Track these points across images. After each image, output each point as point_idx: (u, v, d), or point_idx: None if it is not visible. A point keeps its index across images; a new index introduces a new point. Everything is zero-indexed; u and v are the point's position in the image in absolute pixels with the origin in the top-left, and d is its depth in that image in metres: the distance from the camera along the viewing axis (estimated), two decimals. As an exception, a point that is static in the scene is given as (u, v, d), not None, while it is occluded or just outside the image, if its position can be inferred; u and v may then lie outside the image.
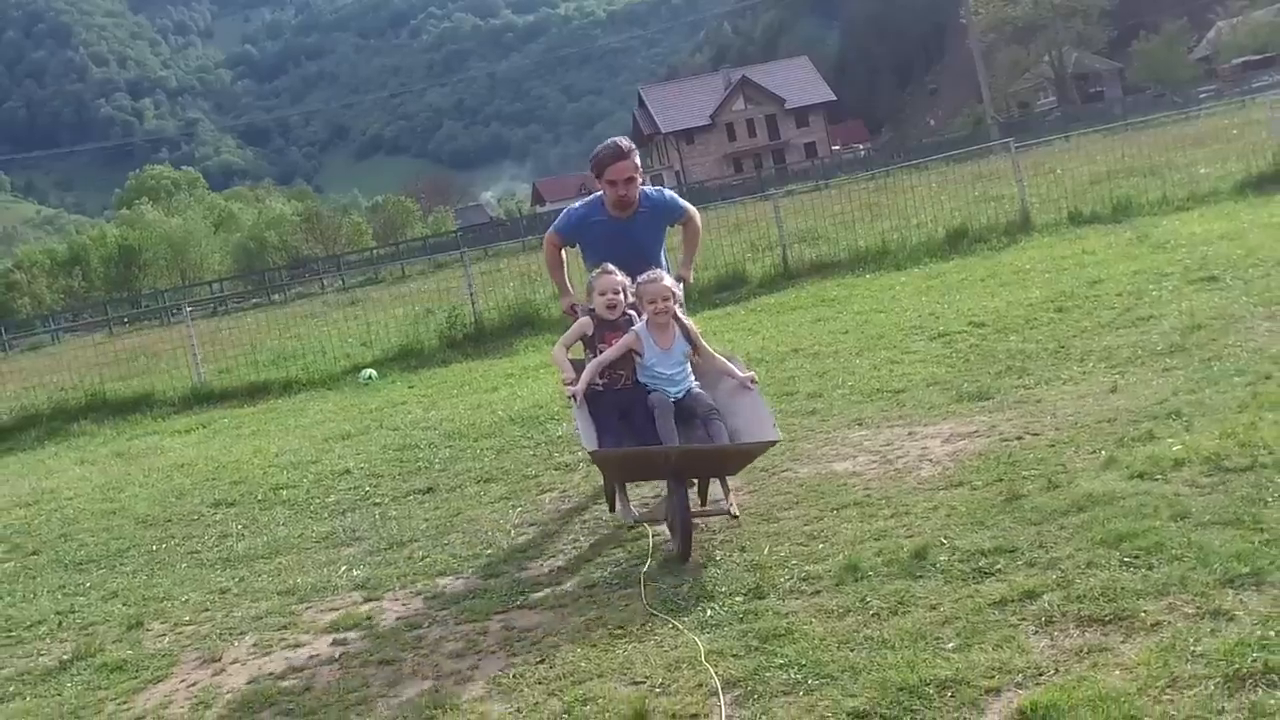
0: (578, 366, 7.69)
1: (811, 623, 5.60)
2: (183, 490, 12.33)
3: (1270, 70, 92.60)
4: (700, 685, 5.18)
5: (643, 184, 8.58)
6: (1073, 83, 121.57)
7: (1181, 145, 30.69)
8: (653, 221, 8.64)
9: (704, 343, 7.71)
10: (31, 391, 22.60)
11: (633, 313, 7.74)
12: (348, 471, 11.74)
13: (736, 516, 7.32)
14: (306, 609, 7.43)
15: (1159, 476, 6.61)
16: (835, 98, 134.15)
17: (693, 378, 7.65)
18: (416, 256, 72.80)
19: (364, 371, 19.58)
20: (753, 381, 7.60)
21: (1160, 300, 12.43)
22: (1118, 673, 4.51)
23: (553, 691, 5.43)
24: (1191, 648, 4.57)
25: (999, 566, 5.81)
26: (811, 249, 23.69)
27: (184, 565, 9.20)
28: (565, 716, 5.14)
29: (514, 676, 5.70)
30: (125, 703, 6.37)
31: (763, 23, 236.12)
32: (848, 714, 4.61)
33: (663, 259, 8.64)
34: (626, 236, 8.37)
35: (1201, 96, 76.45)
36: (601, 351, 7.56)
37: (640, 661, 5.57)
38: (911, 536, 6.49)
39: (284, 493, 11.28)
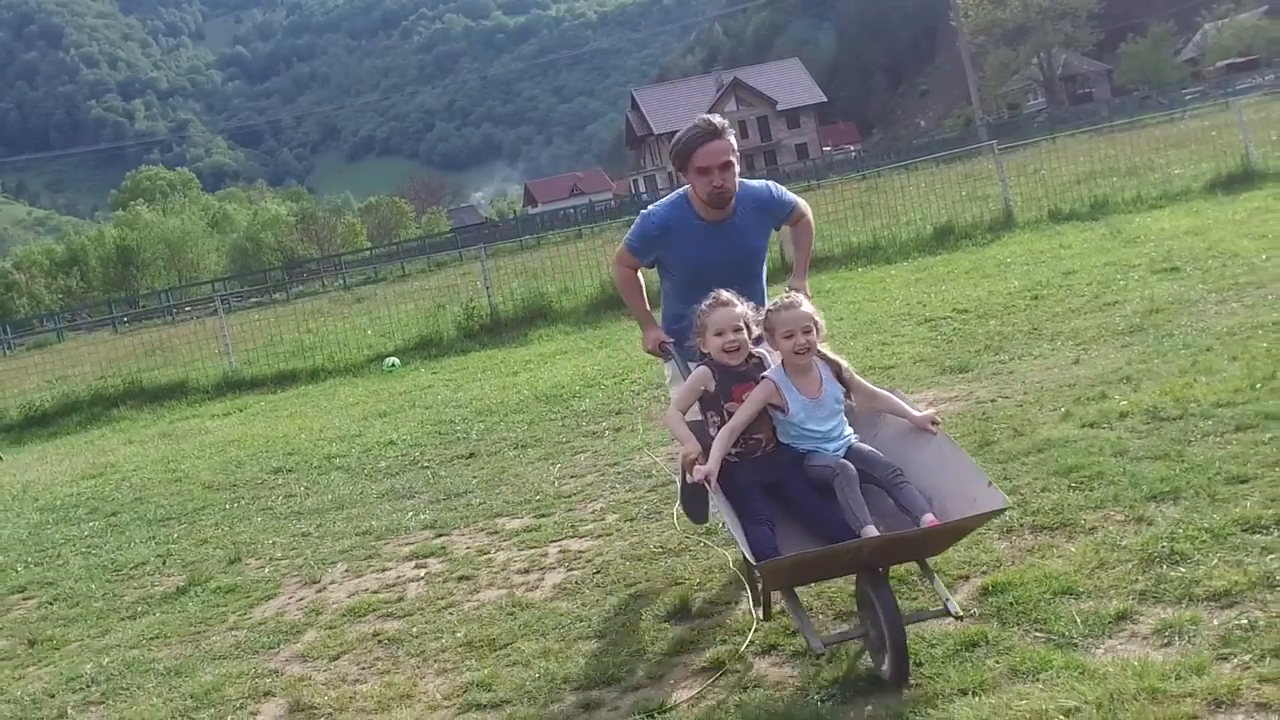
0: (699, 431, 5.71)
1: (818, 538, 6.89)
2: (240, 461, 13.60)
3: (1254, 72, 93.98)
4: (730, 583, 6.49)
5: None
6: (1061, 84, 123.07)
7: (1161, 147, 31.95)
8: (756, 222, 6.59)
9: (859, 377, 5.76)
10: (53, 385, 23.91)
11: (763, 352, 5.77)
12: (392, 442, 13.00)
13: (962, 617, 5.21)
14: (385, 544, 8.73)
15: (1106, 425, 7.91)
16: (826, 99, 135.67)
17: (850, 428, 5.63)
18: (414, 256, 73.89)
19: (387, 359, 20.84)
20: (934, 423, 5.56)
21: (1126, 288, 13.70)
22: (1060, 561, 5.80)
23: (610, 591, 6.74)
24: (1118, 542, 5.85)
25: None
26: (807, 245, 24.90)
27: (260, 518, 10.46)
28: (622, 608, 6.43)
29: (575, 583, 7.01)
30: (245, 614, 7.66)
31: (754, 24, 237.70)
32: (851, 598, 5.88)
33: (763, 275, 6.79)
34: (725, 244, 6.44)
35: (1187, 98, 77.73)
36: (728, 411, 5.56)
37: (680, 569, 6.87)
38: (900, 474, 7.79)
39: (336, 460, 12.55)
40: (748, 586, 6.15)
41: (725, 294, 5.72)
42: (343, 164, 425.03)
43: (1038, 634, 5.05)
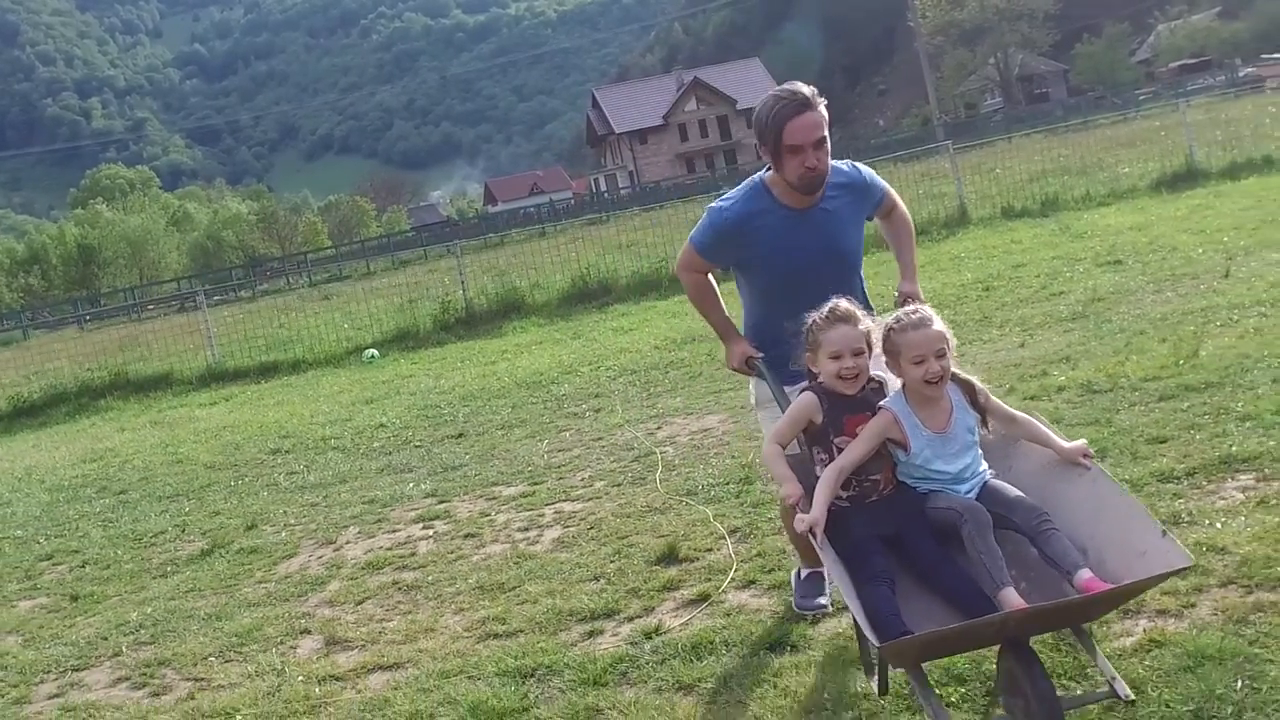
0: (802, 470, 4.71)
1: (789, 496, 7.74)
2: (238, 444, 14.36)
3: (1206, 73, 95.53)
4: (711, 534, 7.33)
5: None
6: (1018, 84, 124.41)
7: (1112, 146, 33.07)
8: (850, 207, 5.57)
9: (995, 400, 4.73)
10: (30, 380, 24.53)
11: (881, 375, 4.74)
12: (383, 425, 13.79)
13: (1133, 700, 4.37)
14: (391, 510, 9.54)
15: (1045, 398, 8.82)
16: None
17: (985, 463, 4.61)
18: (376, 255, 74.36)
19: (367, 351, 21.63)
20: (1086, 455, 4.49)
21: (1071, 280, 14.62)
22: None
23: (603, 543, 7.57)
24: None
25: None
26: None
27: (266, 493, 11.23)
28: (615, 556, 7.26)
29: (572, 537, 7.85)
30: (270, 571, 8.45)
31: (714, 24, 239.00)
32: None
33: (862, 272, 5.71)
34: (819, 236, 5.44)
35: (1140, 98, 79.07)
36: (838, 448, 4.60)
37: (666, 524, 7.71)
38: (861, 442, 8.66)
39: (332, 441, 13.33)
40: (862, 651, 4.99)
41: (845, 304, 4.67)
42: (301, 163, 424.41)
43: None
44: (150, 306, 60.77)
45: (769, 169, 5.45)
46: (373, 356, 21.26)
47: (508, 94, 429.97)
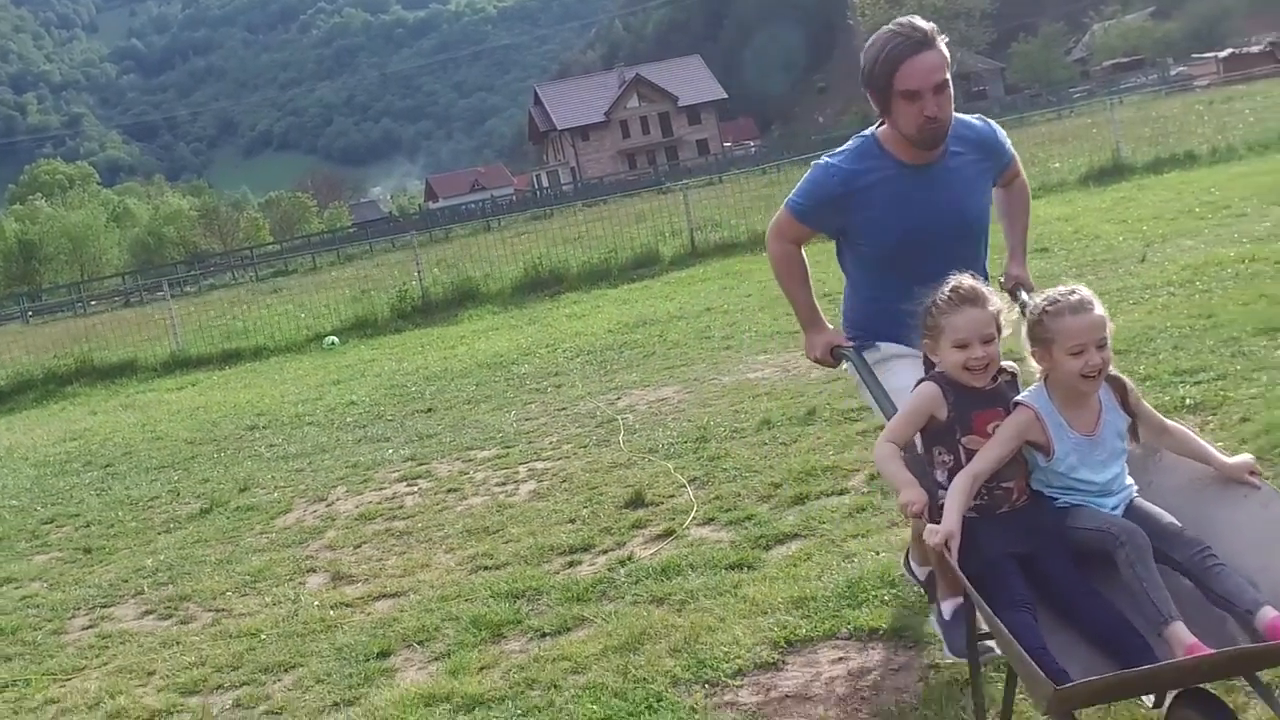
0: (921, 471, 4.08)
1: (741, 451, 8.65)
2: (214, 421, 15.11)
3: (1139, 71, 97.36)
4: (673, 482, 8.20)
5: None
6: (956, 82, 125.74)
7: (1045, 142, 34.20)
8: (976, 166, 4.80)
9: (1147, 404, 4.07)
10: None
11: (1013, 365, 4.13)
12: (353, 403, 14.58)
13: None
14: (375, 473, 10.37)
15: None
16: (726, 96, 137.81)
17: (1130, 477, 3.98)
18: (320, 249, 74.63)
19: (327, 338, 22.40)
20: (1253, 473, 3.87)
21: (999, 266, 15.56)
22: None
23: (575, 493, 8.44)
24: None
25: (862, 415, 8.87)
26: (715, 233, 26.76)
27: (250, 463, 12.01)
28: (588, 503, 8.12)
29: (546, 489, 8.71)
30: (268, 524, 9.27)
31: (654, 21, 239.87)
32: (769, 485, 7.63)
33: (987, 244, 4.98)
34: (941, 198, 4.67)
35: (1075, 96, 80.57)
36: (966, 448, 3.98)
37: (631, 477, 8.58)
38: (805, 406, 9.56)
39: (306, 418, 14.11)
40: (975, 689, 4.22)
41: (970, 282, 4.01)
42: (240, 159, 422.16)
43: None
44: (94, 302, 61.03)
45: (880, 123, 4.73)
46: (333, 343, 22.03)
47: (448, 90, 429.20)
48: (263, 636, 6.66)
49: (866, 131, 4.82)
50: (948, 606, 4.76)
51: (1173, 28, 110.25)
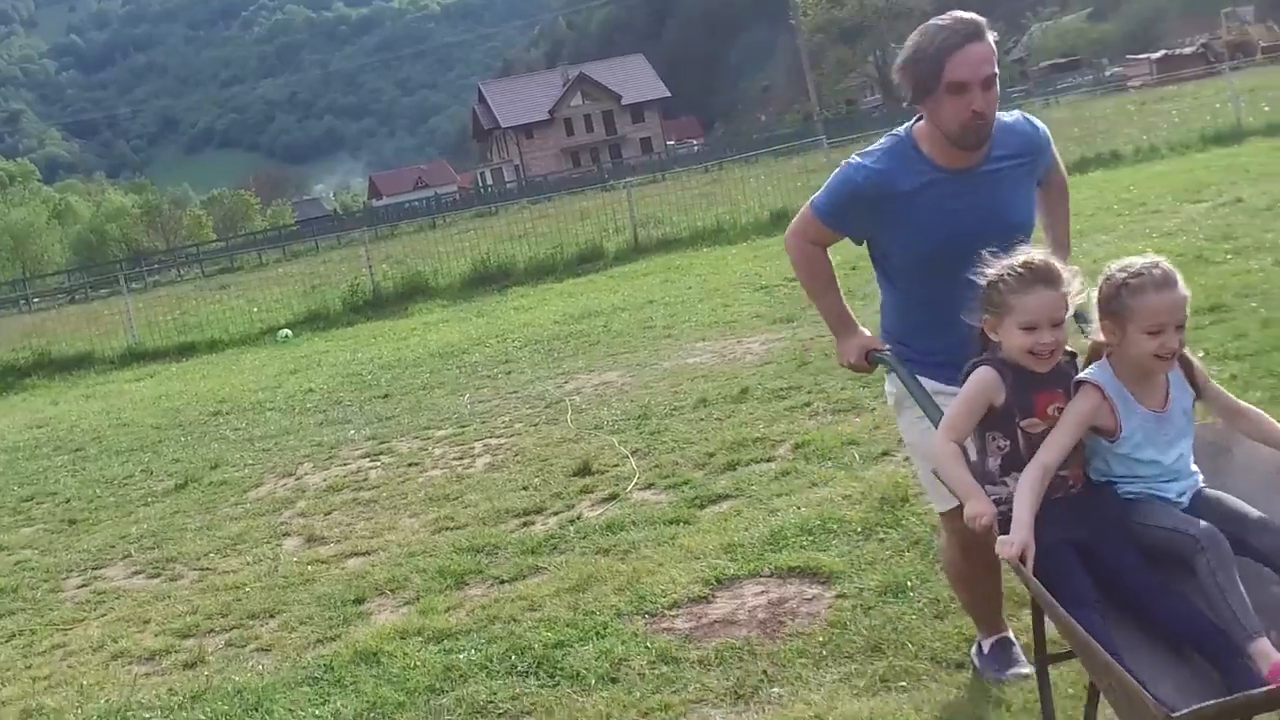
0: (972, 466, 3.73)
1: (680, 426, 9.46)
2: (178, 409, 15.76)
3: (1075, 72, 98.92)
4: (617, 454, 8.99)
5: None
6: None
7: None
8: (1022, 174, 4.44)
9: (1216, 384, 3.76)
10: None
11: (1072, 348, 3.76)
12: (311, 390, 15.27)
13: None
14: (339, 450, 11.11)
15: (892, 349, 10.58)
16: (670, 94, 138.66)
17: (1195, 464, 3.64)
18: (268, 246, 74.90)
19: (281, 331, 23.06)
20: None
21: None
22: (850, 427, 8.40)
23: (527, 464, 9.22)
24: (887, 415, 8.42)
25: (791, 393, 9.71)
26: (657, 229, 27.57)
27: (217, 445, 12.68)
28: (539, 472, 8.90)
29: (501, 462, 9.48)
30: (241, 497, 9.99)
31: (597, 19, 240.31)
32: (705, 455, 8.43)
33: None
34: (983, 205, 4.30)
35: (1013, 96, 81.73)
36: (1025, 431, 3.65)
37: (579, 450, 9.36)
38: (739, 385, 10.38)
39: (267, 404, 14.79)
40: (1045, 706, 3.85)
41: (1042, 257, 3.66)
42: (182, 156, 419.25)
43: (831, 465, 7.63)
44: (37, 299, 61.10)
45: (917, 119, 4.40)
46: (287, 336, 22.68)
47: (391, 88, 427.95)
48: (247, 589, 7.39)
49: (899, 130, 4.45)
50: (988, 643, 4.79)
51: (1109, 29, 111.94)
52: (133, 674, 6.33)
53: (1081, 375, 3.59)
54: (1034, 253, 3.65)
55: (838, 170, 4.49)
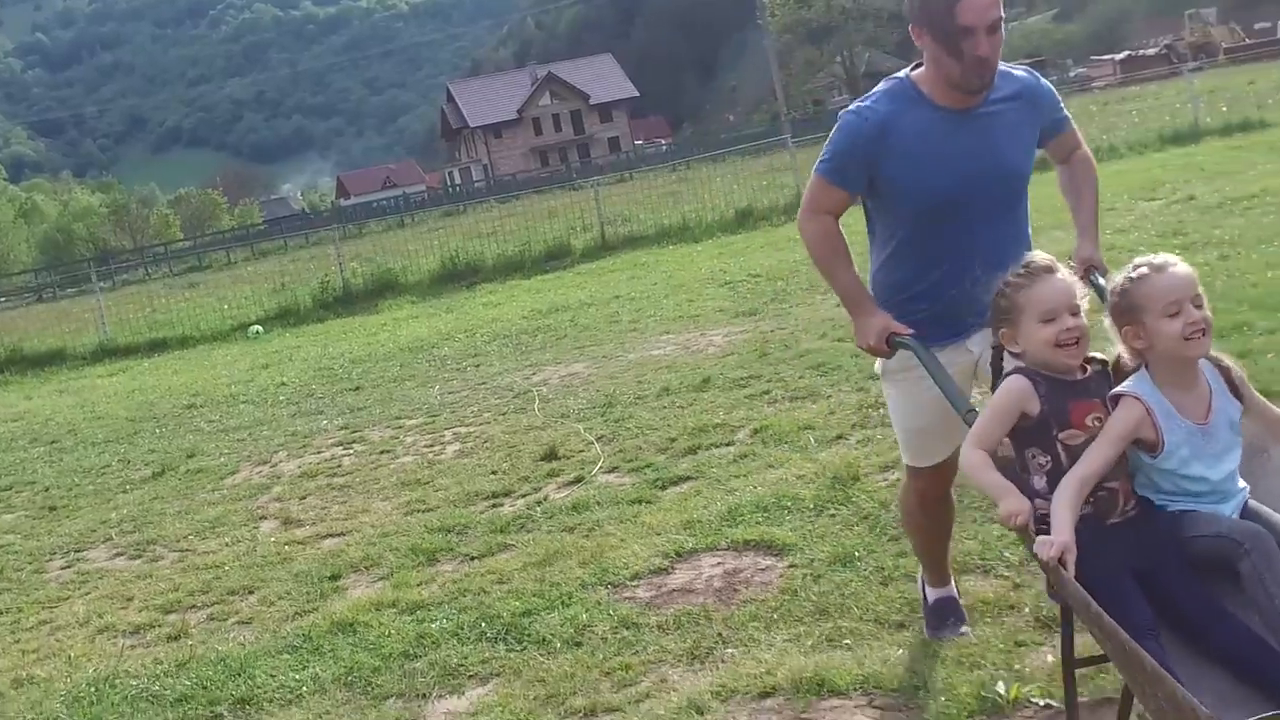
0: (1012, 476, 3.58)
1: (643, 414, 9.80)
2: (152, 402, 16.01)
3: (1040, 72, 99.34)
4: (583, 440, 9.32)
5: None
6: (864, 81, 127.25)
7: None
8: (1020, 120, 4.46)
9: (1254, 391, 3.61)
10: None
11: (1100, 355, 3.68)
12: (284, 384, 15.54)
13: None
14: (313, 439, 11.41)
15: (850, 340, 10.91)
16: (638, 94, 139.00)
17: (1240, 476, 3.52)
18: (236, 245, 74.96)
19: (252, 327, 23.32)
20: None
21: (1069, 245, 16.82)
22: (806, 414, 8.74)
23: (496, 450, 9.55)
24: (844, 402, 8.83)
25: (751, 382, 10.07)
26: (624, 227, 27.92)
27: (192, 436, 12.95)
28: (507, 457, 9.23)
29: (470, 449, 9.80)
30: (218, 484, 10.29)
31: (566, 19, 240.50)
32: (668, 440, 8.77)
33: (1027, 206, 4.63)
34: (983, 146, 4.36)
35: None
36: (1064, 444, 3.51)
37: (546, 436, 9.69)
38: (701, 375, 10.73)
39: (240, 397, 15.06)
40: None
41: (1041, 256, 3.69)
42: (149, 155, 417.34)
43: (787, 448, 7.98)
44: (3, 298, 61.08)
45: (915, 65, 4.49)
46: (258, 332, 22.93)
47: (359, 87, 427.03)
48: (226, 568, 7.69)
49: (899, 74, 4.51)
50: (933, 595, 5.03)
51: (1074, 30, 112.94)
52: (119, 646, 6.62)
53: (1119, 389, 3.48)
54: (1031, 256, 3.67)
55: (838, 123, 4.49)
